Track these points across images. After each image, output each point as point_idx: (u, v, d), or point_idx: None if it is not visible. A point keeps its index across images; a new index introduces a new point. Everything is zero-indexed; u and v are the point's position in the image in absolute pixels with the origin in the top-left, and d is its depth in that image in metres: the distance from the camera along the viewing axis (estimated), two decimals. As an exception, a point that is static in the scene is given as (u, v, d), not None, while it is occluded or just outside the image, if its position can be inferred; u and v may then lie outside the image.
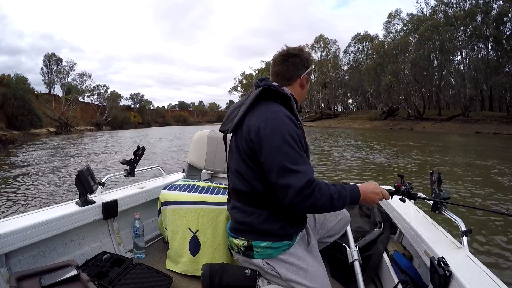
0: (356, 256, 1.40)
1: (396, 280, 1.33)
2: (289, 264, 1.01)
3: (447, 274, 0.94)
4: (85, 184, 1.58)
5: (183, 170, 2.35)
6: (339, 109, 51.80)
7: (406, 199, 1.15)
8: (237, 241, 1.06)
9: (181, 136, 24.97)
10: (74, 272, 1.18)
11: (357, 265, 1.37)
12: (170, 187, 1.75)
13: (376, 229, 1.74)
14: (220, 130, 1.14)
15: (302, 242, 1.10)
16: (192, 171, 2.24)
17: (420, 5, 36.25)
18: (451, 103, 37.70)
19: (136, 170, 1.99)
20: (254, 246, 1.01)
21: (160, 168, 2.37)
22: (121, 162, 1.95)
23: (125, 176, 1.97)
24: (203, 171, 2.27)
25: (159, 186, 1.96)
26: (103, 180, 1.78)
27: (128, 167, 1.96)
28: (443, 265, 0.97)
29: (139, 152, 2.00)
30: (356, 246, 1.45)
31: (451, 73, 32.06)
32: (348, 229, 1.56)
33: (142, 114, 66.40)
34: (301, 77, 1.10)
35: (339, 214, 1.36)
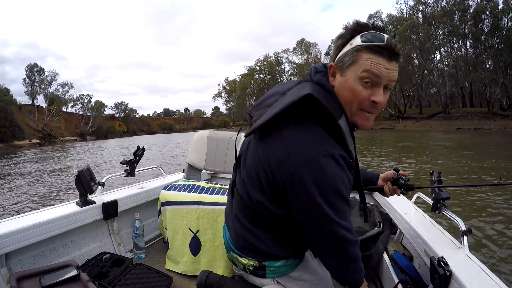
0: None
1: (396, 280, 1.32)
2: (302, 281, 0.92)
3: (447, 274, 0.94)
4: (85, 184, 1.58)
5: (183, 170, 2.35)
6: None
7: (404, 191, 1.10)
8: (244, 260, 0.90)
9: (165, 144, 23.61)
10: (74, 272, 1.18)
11: None
12: (170, 187, 1.75)
13: (376, 228, 1.74)
14: (248, 113, 0.89)
15: (309, 252, 1.01)
16: (192, 171, 2.24)
17: (400, 6, 36.64)
18: (434, 101, 38.06)
19: (136, 170, 2.00)
20: (267, 266, 0.88)
21: (160, 168, 2.37)
22: (121, 163, 1.95)
23: (125, 176, 1.97)
24: (203, 171, 2.27)
25: (159, 186, 1.96)
26: (103, 181, 1.78)
27: (128, 168, 1.96)
28: (443, 265, 0.96)
29: (139, 153, 2.01)
30: None
31: (430, 72, 32.40)
32: None
33: (127, 123, 66.59)
34: (330, 63, 0.77)
35: None
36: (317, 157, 0.68)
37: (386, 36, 0.70)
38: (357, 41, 0.70)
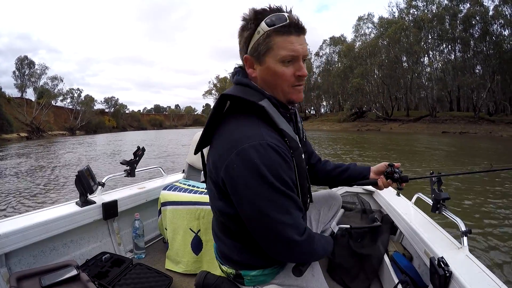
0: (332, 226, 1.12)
1: (396, 280, 1.32)
2: (286, 286, 0.88)
3: (447, 274, 0.94)
4: (85, 184, 1.58)
5: (183, 171, 2.35)
6: (312, 111, 52.45)
7: (400, 187, 1.07)
8: (224, 268, 0.92)
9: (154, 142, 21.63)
10: (74, 272, 1.18)
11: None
12: (170, 187, 1.75)
13: (374, 223, 1.70)
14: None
15: None
16: (192, 171, 2.24)
17: (392, 9, 37.01)
18: (423, 104, 38.40)
19: (136, 170, 2.00)
20: (243, 275, 0.88)
21: (160, 169, 2.38)
22: (121, 163, 1.95)
23: (125, 176, 1.97)
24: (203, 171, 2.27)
25: (159, 187, 1.96)
26: (103, 181, 1.78)
27: (128, 168, 1.96)
28: (443, 265, 0.97)
29: (139, 153, 2.01)
30: (337, 225, 1.16)
31: (417, 75, 32.73)
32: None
33: (117, 118, 65.70)
34: (245, 56, 0.78)
35: (331, 200, 1.23)
36: (245, 146, 0.68)
37: (286, 14, 0.72)
38: (263, 27, 0.72)
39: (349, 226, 1.50)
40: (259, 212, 0.69)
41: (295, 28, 0.72)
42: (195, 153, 0.88)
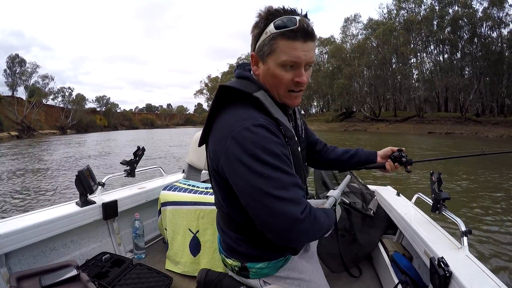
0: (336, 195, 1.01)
1: (396, 281, 1.33)
2: (290, 279, 0.91)
3: (447, 275, 0.94)
4: (85, 184, 1.58)
5: (183, 171, 2.35)
6: (302, 112, 52.75)
7: (408, 170, 1.15)
8: (229, 261, 0.93)
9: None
10: (74, 272, 1.19)
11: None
12: (170, 187, 1.75)
13: (369, 211, 1.73)
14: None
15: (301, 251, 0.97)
16: (192, 171, 2.24)
17: (382, 11, 37.35)
18: (413, 105, 38.70)
19: (136, 170, 2.00)
20: (248, 267, 0.89)
21: (160, 169, 2.38)
22: (121, 163, 1.95)
23: (125, 176, 1.97)
24: (203, 171, 2.27)
25: (159, 187, 1.96)
26: (103, 181, 1.78)
27: (128, 168, 1.96)
28: (443, 266, 0.96)
29: (139, 153, 2.01)
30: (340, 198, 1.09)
31: (404, 76, 33.02)
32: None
33: (109, 117, 65.42)
34: (252, 53, 0.80)
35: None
36: (240, 128, 0.69)
37: (298, 18, 0.71)
38: (271, 28, 0.72)
39: (348, 202, 1.56)
40: (257, 190, 0.67)
41: (302, 33, 0.71)
42: (199, 145, 0.89)
